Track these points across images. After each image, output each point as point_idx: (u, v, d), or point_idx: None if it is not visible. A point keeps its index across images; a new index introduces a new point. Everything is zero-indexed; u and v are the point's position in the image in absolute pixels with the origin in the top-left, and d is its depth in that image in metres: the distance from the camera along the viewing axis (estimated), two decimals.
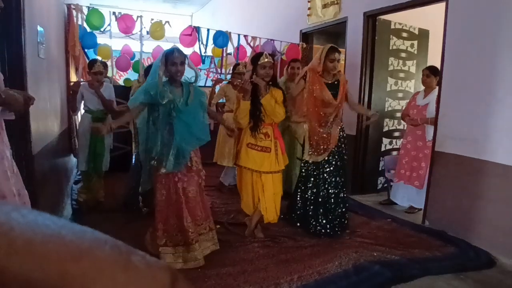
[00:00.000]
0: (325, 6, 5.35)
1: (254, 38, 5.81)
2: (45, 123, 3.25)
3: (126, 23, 4.76)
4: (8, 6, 2.45)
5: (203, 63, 5.95)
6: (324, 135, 3.44)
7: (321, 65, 3.38)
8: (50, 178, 3.42)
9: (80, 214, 3.93)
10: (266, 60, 3.13)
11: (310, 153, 3.49)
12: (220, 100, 5.02)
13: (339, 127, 3.51)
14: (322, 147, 3.45)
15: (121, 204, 4.08)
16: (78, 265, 0.26)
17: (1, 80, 1.73)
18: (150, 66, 3.48)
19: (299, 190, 3.62)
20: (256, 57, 3.22)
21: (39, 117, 2.93)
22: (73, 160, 5.12)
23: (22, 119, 2.48)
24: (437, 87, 3.81)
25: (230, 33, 5.45)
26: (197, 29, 5.25)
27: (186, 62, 2.73)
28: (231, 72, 5.28)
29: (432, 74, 4.02)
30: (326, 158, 3.47)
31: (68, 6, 4.61)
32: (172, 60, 2.64)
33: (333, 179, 3.48)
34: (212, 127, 5.49)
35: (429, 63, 4.99)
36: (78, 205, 4.11)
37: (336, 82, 3.45)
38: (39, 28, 3.01)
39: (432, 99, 3.93)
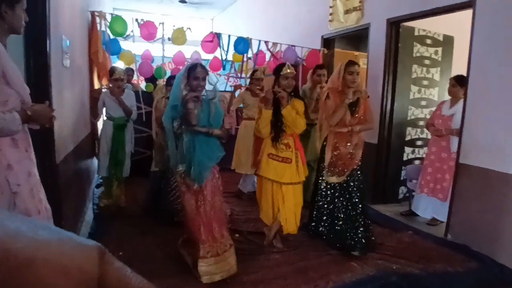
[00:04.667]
0: (347, 12, 5.29)
1: (274, 44, 5.79)
2: (69, 131, 3.31)
3: (148, 30, 4.81)
4: (34, 17, 2.50)
5: (224, 68, 5.97)
6: (348, 155, 3.37)
7: (340, 79, 3.34)
8: (73, 184, 3.48)
9: (101, 219, 3.97)
10: (288, 71, 3.12)
11: (329, 174, 3.42)
12: (241, 105, 5.02)
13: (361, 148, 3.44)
14: (340, 168, 3.38)
15: (142, 210, 4.12)
16: (16, 244, 0.31)
17: (27, 94, 1.75)
18: (172, 78, 3.51)
19: (317, 205, 3.55)
20: (279, 67, 3.22)
21: (63, 125, 2.99)
22: (95, 164, 5.20)
23: (47, 129, 2.53)
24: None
25: (251, 39, 5.44)
26: (218, 36, 5.27)
27: (207, 79, 2.75)
28: (249, 76, 5.28)
29: (459, 84, 3.92)
30: (349, 175, 3.40)
31: (92, 13, 4.69)
32: (194, 74, 2.66)
33: (356, 195, 3.40)
34: (233, 131, 5.52)
35: (453, 70, 4.90)
36: (100, 210, 4.16)
37: (356, 101, 3.38)
38: (64, 38, 3.07)
39: (458, 109, 3.81)
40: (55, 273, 0.31)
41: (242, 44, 5.32)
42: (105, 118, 4.21)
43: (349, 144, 3.38)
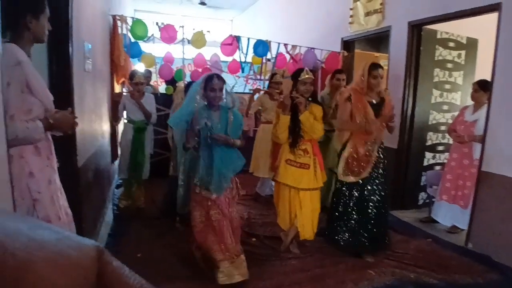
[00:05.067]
0: (367, 14, 5.22)
1: (294, 47, 5.76)
2: (90, 135, 3.37)
3: (168, 33, 4.87)
4: (57, 24, 2.55)
5: (243, 71, 5.98)
6: (364, 155, 3.34)
7: (365, 82, 3.30)
8: (93, 186, 3.55)
9: (120, 220, 4.05)
10: (306, 76, 3.11)
11: (346, 174, 3.39)
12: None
13: (379, 147, 3.39)
14: (359, 168, 3.34)
15: (159, 212, 4.17)
16: (14, 244, 0.31)
17: (51, 102, 1.79)
18: (190, 84, 3.53)
19: (336, 209, 3.52)
20: (297, 73, 3.20)
21: (84, 130, 3.05)
22: (115, 165, 5.28)
23: (69, 134, 2.58)
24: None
25: (270, 42, 5.43)
26: (237, 38, 5.28)
27: (224, 87, 2.74)
28: (268, 79, 5.27)
29: (482, 89, 3.82)
30: (367, 176, 3.37)
31: (113, 17, 4.77)
32: (211, 86, 2.65)
33: (373, 198, 3.37)
34: (251, 133, 5.53)
35: (477, 74, 4.78)
36: (119, 211, 4.24)
37: (380, 102, 3.35)
38: (86, 43, 3.12)
39: (482, 115, 3.71)
40: (53, 272, 0.31)
41: (261, 46, 5.31)
42: (125, 121, 4.27)
43: (368, 143, 3.35)
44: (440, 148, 4.91)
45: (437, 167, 4.85)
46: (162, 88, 6.42)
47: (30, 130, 1.59)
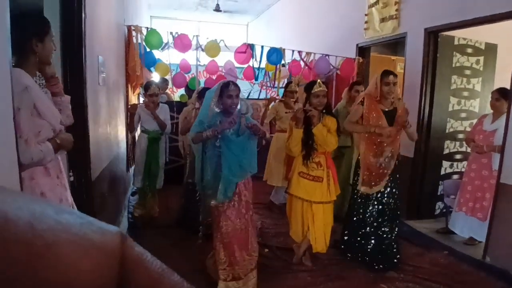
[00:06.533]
0: (383, 20, 5.15)
1: (308, 53, 5.73)
2: (104, 148, 3.40)
3: (182, 42, 4.90)
4: (70, 40, 2.60)
5: (256, 79, 5.97)
6: (378, 166, 3.30)
7: (378, 90, 3.28)
8: (108, 196, 3.58)
9: (135, 228, 4.10)
10: (319, 89, 3.09)
11: (363, 184, 3.36)
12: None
13: (395, 160, 3.35)
14: (375, 180, 3.31)
15: (174, 221, 4.20)
16: (42, 226, 0.31)
17: (58, 122, 1.81)
18: (204, 89, 3.54)
19: (351, 221, 3.49)
20: (309, 85, 3.19)
21: (98, 143, 3.08)
22: (130, 173, 5.33)
23: (83, 148, 2.63)
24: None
25: (284, 49, 5.41)
26: (251, 47, 5.28)
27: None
28: (283, 86, 5.26)
29: (503, 98, 3.70)
30: (382, 189, 3.34)
31: (128, 27, 4.82)
32: (227, 93, 2.67)
33: (387, 210, 3.33)
34: (264, 142, 5.50)
35: (496, 80, 4.66)
36: (134, 220, 4.29)
37: (393, 110, 3.31)
38: (100, 58, 3.16)
39: (502, 124, 3.57)
40: (76, 254, 0.32)
41: (275, 54, 5.29)
42: (140, 130, 4.32)
43: (379, 155, 3.30)
44: (458, 156, 4.79)
45: (455, 176, 4.75)
46: (177, 95, 6.46)
47: (44, 153, 1.62)
